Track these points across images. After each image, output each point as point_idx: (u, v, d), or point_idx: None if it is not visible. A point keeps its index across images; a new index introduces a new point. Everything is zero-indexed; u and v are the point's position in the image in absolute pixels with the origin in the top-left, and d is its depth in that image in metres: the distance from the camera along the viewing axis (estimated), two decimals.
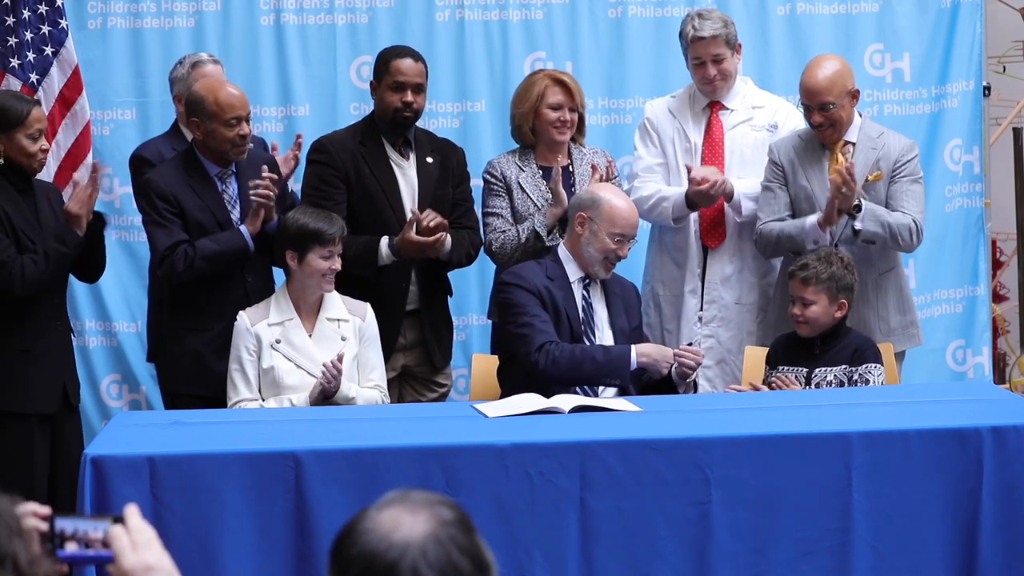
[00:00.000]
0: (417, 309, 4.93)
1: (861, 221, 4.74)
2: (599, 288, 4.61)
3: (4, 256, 4.33)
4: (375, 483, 3.52)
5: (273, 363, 4.44)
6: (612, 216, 4.51)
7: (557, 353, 4.40)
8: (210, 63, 5.13)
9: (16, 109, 4.37)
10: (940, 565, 3.67)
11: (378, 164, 4.88)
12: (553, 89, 4.97)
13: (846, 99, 4.83)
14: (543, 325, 4.45)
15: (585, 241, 4.53)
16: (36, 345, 4.46)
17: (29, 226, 4.42)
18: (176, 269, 4.56)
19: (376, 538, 1.75)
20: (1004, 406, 4.07)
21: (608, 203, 4.53)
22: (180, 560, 3.54)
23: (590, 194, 4.60)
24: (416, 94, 4.87)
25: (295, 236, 4.46)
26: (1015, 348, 6.67)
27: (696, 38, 5.02)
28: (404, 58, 4.89)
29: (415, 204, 4.87)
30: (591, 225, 4.51)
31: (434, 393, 5.03)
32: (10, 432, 4.41)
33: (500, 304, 4.59)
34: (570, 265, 4.58)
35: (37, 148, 4.41)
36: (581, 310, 4.55)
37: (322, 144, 4.93)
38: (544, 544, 3.57)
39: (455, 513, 1.79)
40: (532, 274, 4.55)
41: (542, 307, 4.49)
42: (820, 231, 4.76)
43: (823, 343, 4.52)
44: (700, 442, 3.67)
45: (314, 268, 4.45)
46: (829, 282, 4.46)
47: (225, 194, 4.67)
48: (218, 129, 4.56)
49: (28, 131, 4.38)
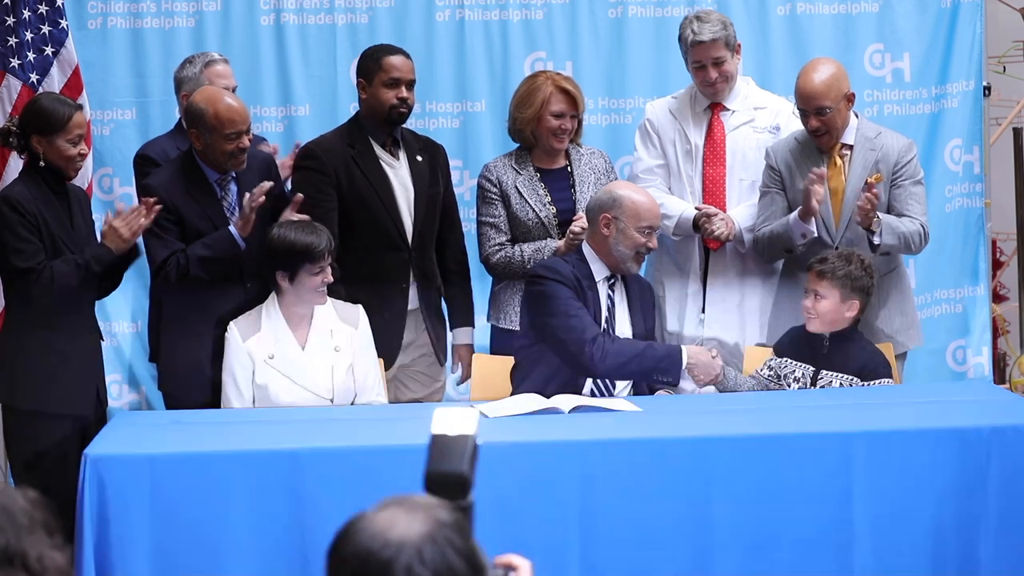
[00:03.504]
0: (417, 308, 4.93)
1: (880, 236, 4.74)
2: (622, 288, 4.61)
3: (35, 262, 4.33)
4: (375, 483, 3.52)
5: (268, 380, 4.39)
6: (636, 211, 4.50)
7: (610, 347, 4.38)
8: (221, 63, 5.14)
9: (59, 114, 4.37)
10: (940, 565, 3.67)
11: (369, 166, 4.85)
12: (557, 97, 4.96)
13: (842, 103, 4.82)
14: (588, 317, 4.44)
15: (614, 241, 4.51)
16: (71, 347, 4.47)
17: (63, 230, 4.42)
18: (170, 279, 4.55)
19: (372, 536, 1.75)
20: (1004, 406, 4.08)
21: (629, 199, 4.52)
22: (180, 560, 3.57)
23: (608, 194, 4.58)
24: (409, 90, 4.87)
25: (284, 256, 4.38)
26: (1015, 348, 6.67)
27: (696, 42, 5.01)
28: (395, 55, 4.89)
29: (411, 205, 4.87)
30: (617, 224, 4.50)
31: (428, 390, 5.02)
32: (47, 432, 4.42)
33: (536, 295, 4.51)
34: (596, 264, 4.56)
35: (76, 152, 4.41)
36: (606, 309, 4.55)
37: (310, 150, 4.89)
38: (544, 544, 3.57)
39: (452, 515, 1.80)
40: (563, 268, 4.52)
41: (576, 296, 4.47)
42: (804, 224, 4.76)
43: (832, 343, 4.51)
44: (700, 442, 3.68)
45: (307, 286, 4.39)
46: (844, 279, 4.46)
47: (224, 201, 4.64)
48: (217, 142, 4.52)
49: (68, 136, 4.38)
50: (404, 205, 4.87)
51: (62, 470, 4.36)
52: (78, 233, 4.48)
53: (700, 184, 5.09)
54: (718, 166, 5.09)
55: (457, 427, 2.07)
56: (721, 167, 5.09)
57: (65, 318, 4.45)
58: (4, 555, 1.77)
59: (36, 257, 4.33)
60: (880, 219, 4.73)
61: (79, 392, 4.48)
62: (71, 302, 4.44)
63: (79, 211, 4.54)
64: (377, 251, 4.83)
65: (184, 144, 4.86)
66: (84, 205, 4.63)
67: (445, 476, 2.01)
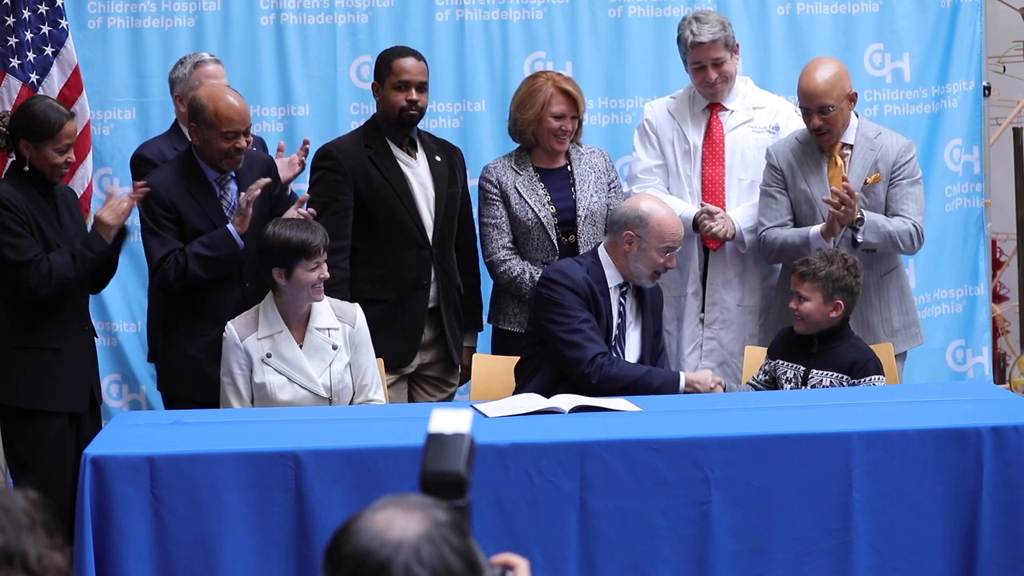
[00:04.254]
0: (437, 307, 4.94)
1: (862, 234, 4.73)
2: (634, 295, 4.60)
3: (31, 255, 4.34)
4: (375, 483, 3.53)
5: (265, 379, 4.39)
6: (661, 232, 4.48)
7: (608, 370, 4.38)
8: (211, 63, 5.13)
9: (51, 121, 4.38)
10: (940, 565, 3.67)
11: (387, 165, 4.88)
12: (558, 98, 4.97)
13: (844, 102, 4.83)
14: (593, 333, 4.43)
15: (633, 258, 4.50)
16: (66, 345, 4.48)
17: (52, 229, 4.44)
18: (168, 278, 4.55)
19: (370, 536, 1.75)
20: (1004, 406, 4.07)
21: (655, 219, 4.48)
22: (180, 560, 3.57)
23: (635, 211, 4.52)
24: (420, 92, 4.89)
25: (280, 253, 4.38)
26: (1015, 348, 6.67)
27: (695, 43, 5.01)
28: (406, 57, 4.91)
29: (430, 203, 4.90)
30: (639, 243, 4.48)
31: (443, 394, 5.04)
32: (42, 430, 4.43)
33: (544, 299, 4.50)
34: (610, 270, 4.55)
35: (62, 160, 4.42)
36: (617, 315, 4.55)
37: (328, 151, 4.93)
38: (544, 544, 3.57)
39: (449, 515, 1.80)
40: (576, 273, 4.50)
41: (586, 307, 4.47)
42: (824, 241, 4.75)
43: (821, 343, 4.50)
44: (700, 442, 3.68)
45: (304, 282, 4.38)
46: (825, 280, 4.44)
47: (224, 200, 4.65)
48: (214, 139, 4.54)
49: (57, 144, 4.39)
50: (424, 203, 4.89)
51: (58, 468, 4.37)
52: (67, 232, 4.49)
53: (699, 184, 5.09)
54: (717, 166, 5.10)
55: (454, 426, 2.07)
56: (720, 167, 5.10)
57: (59, 315, 4.45)
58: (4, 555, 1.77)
59: (32, 250, 4.35)
60: (864, 217, 4.74)
61: (73, 389, 4.49)
62: (66, 296, 4.44)
63: (66, 210, 4.54)
64: (398, 248, 4.86)
65: (180, 145, 4.87)
66: (72, 204, 4.63)
67: (442, 475, 2.01)
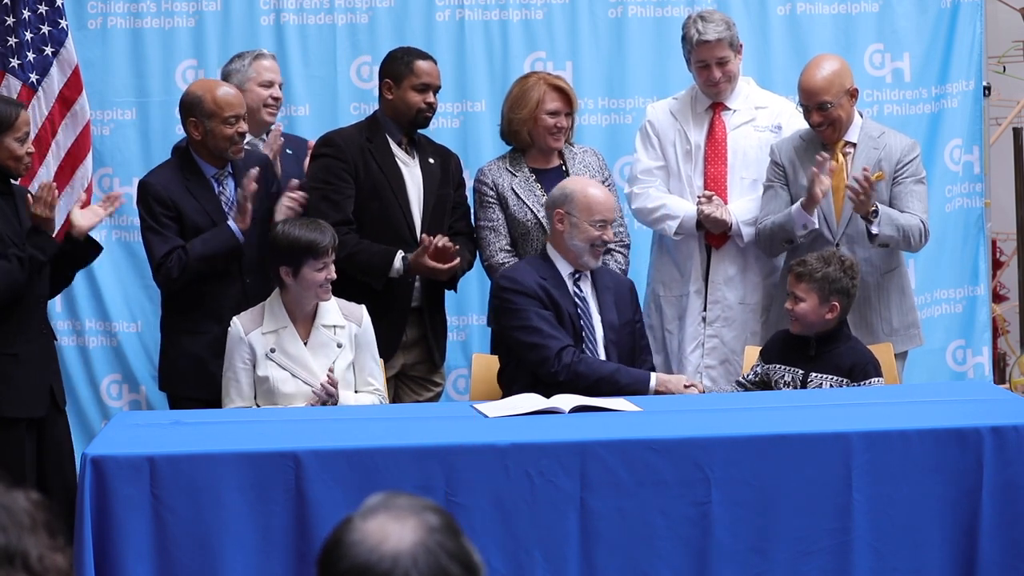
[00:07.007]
0: (420, 306, 4.94)
1: (878, 226, 4.74)
2: (589, 282, 4.64)
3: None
4: (375, 483, 3.52)
5: (268, 373, 4.40)
6: (588, 205, 4.56)
7: (579, 368, 4.41)
8: (269, 58, 5.19)
9: (5, 113, 4.37)
10: (940, 565, 3.67)
11: (385, 160, 4.91)
12: (551, 95, 4.98)
13: (844, 98, 4.84)
14: (551, 330, 4.47)
15: (568, 236, 4.56)
16: (23, 349, 4.44)
17: (11, 229, 4.41)
18: (171, 276, 4.58)
19: (366, 550, 1.75)
20: (1004, 406, 4.07)
21: (581, 193, 4.58)
22: (180, 560, 3.56)
23: (561, 190, 4.64)
24: (435, 95, 4.94)
25: (287, 251, 4.39)
26: (1015, 348, 6.67)
27: (701, 42, 5.02)
28: (426, 60, 4.97)
29: (421, 203, 4.91)
30: (570, 219, 4.55)
31: (429, 393, 5.03)
32: (1, 436, 4.39)
33: (500, 310, 4.58)
34: (560, 262, 4.60)
35: (24, 151, 4.41)
36: (576, 302, 4.57)
37: (330, 138, 4.96)
38: (544, 544, 3.57)
39: (441, 518, 1.79)
40: (526, 275, 4.57)
41: (543, 307, 4.50)
42: (807, 214, 4.76)
43: (820, 345, 4.48)
44: (700, 442, 3.67)
45: (310, 282, 4.40)
46: (821, 281, 4.42)
47: (222, 196, 4.68)
48: (217, 127, 4.59)
49: (16, 135, 4.38)
50: (415, 201, 4.92)
51: (18, 473, 4.33)
52: (26, 231, 4.44)
53: (701, 183, 5.09)
54: (719, 164, 5.10)
55: None
56: (723, 165, 5.10)
57: (17, 319, 4.42)
58: (5, 554, 1.77)
59: None
60: (879, 209, 4.74)
61: (32, 394, 4.45)
62: (23, 303, 4.40)
63: (26, 209, 4.50)
64: (386, 243, 4.86)
65: None
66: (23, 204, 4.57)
67: None
